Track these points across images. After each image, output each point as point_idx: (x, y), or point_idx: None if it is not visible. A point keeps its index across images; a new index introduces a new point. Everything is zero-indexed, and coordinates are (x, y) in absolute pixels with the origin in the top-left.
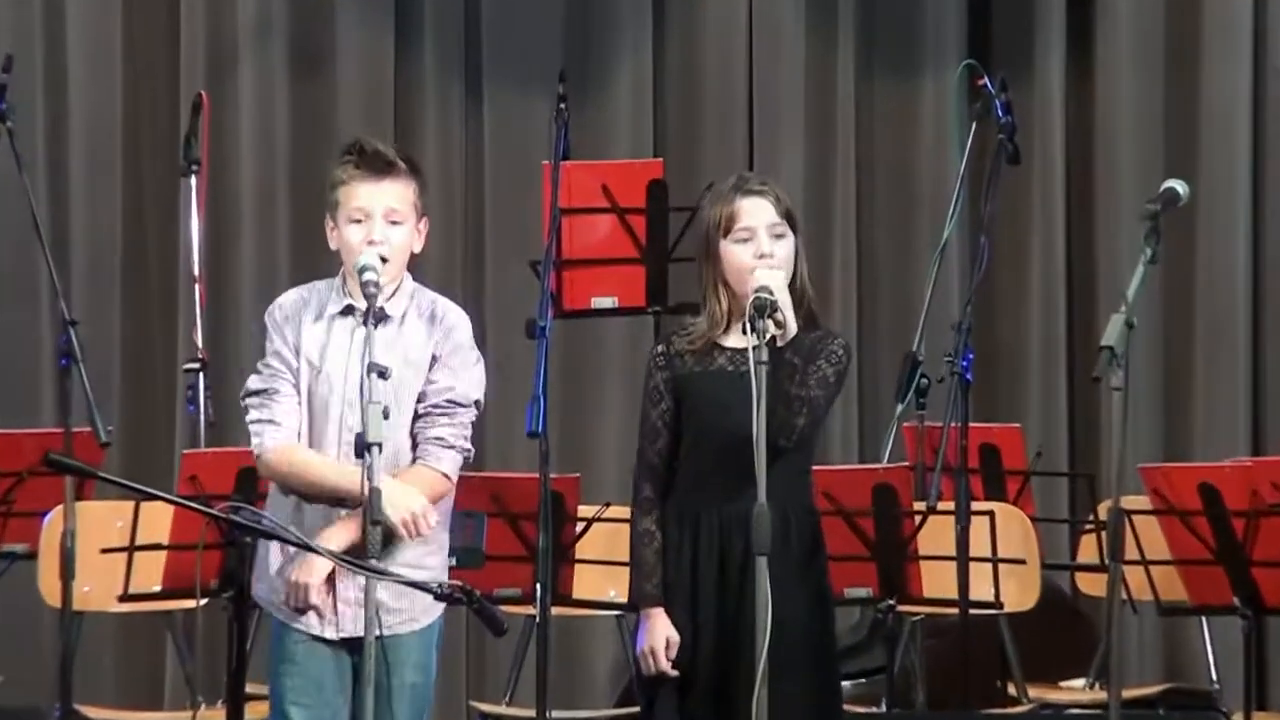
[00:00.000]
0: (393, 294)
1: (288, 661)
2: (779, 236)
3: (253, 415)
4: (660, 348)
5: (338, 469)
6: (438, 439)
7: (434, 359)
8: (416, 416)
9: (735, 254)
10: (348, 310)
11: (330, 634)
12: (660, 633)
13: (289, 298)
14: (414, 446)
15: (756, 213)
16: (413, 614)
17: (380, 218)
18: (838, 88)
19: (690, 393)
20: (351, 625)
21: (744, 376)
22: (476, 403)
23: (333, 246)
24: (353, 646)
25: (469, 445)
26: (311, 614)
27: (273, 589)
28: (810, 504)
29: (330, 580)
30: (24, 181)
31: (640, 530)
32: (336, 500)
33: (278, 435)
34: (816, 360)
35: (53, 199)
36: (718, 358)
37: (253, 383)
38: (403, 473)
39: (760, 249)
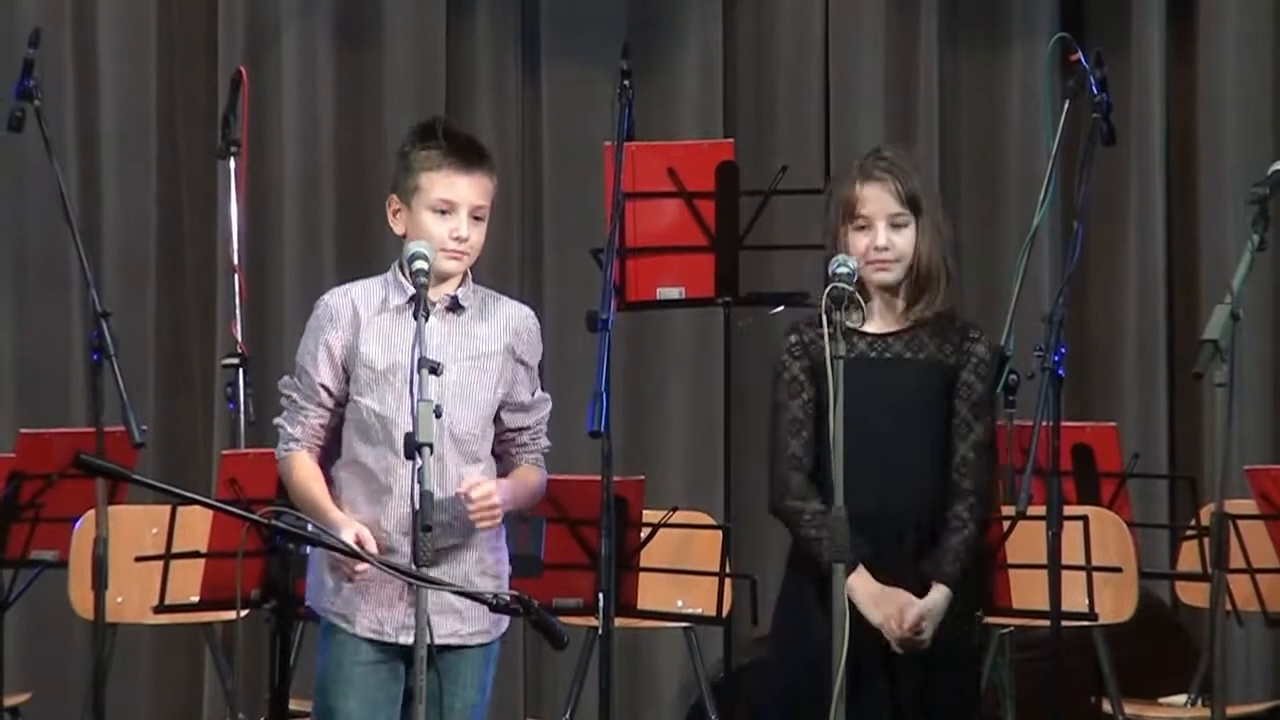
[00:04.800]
0: (460, 284)
1: (344, 683)
2: (898, 226)
3: (278, 420)
4: (793, 337)
5: (308, 501)
6: (547, 448)
7: (527, 367)
8: (512, 428)
9: (853, 243)
10: (412, 300)
11: (405, 639)
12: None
13: (338, 296)
14: (501, 444)
15: (875, 201)
16: (485, 625)
17: (466, 213)
18: (920, 63)
19: (825, 381)
20: (427, 633)
21: (888, 363)
22: None
23: (397, 230)
24: (410, 657)
25: None
26: (388, 622)
27: (327, 593)
28: None
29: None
30: (53, 165)
31: (807, 515)
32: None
33: (295, 442)
34: (962, 372)
35: (83, 183)
36: (857, 343)
37: (286, 385)
38: (522, 473)
39: (875, 240)
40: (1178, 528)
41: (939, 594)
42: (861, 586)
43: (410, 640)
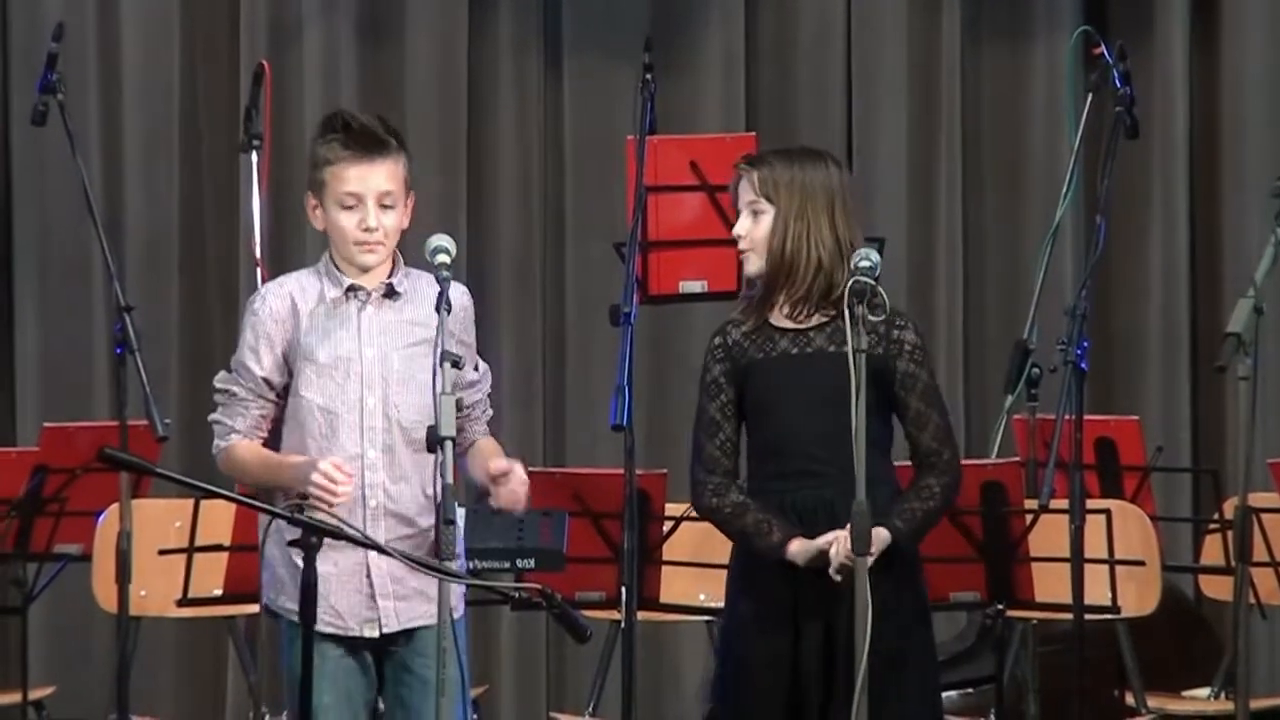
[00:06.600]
0: (392, 271)
1: (316, 679)
2: (757, 214)
3: (214, 415)
4: (717, 339)
5: (265, 464)
6: (490, 417)
7: (465, 345)
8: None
9: None
10: (350, 291)
11: (369, 632)
12: (815, 544)
13: (274, 289)
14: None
15: (740, 193)
16: (452, 602)
17: (373, 202)
18: (942, 56)
19: (755, 380)
20: (394, 620)
21: (810, 358)
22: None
23: (317, 226)
24: (378, 644)
25: None
26: (348, 615)
27: (285, 591)
28: (893, 482)
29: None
30: (76, 159)
31: (729, 509)
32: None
33: (235, 433)
34: (896, 362)
35: (106, 177)
36: (779, 341)
37: (224, 380)
38: (484, 447)
39: (736, 228)
40: (1200, 521)
41: (882, 532)
42: (799, 546)
43: (372, 634)
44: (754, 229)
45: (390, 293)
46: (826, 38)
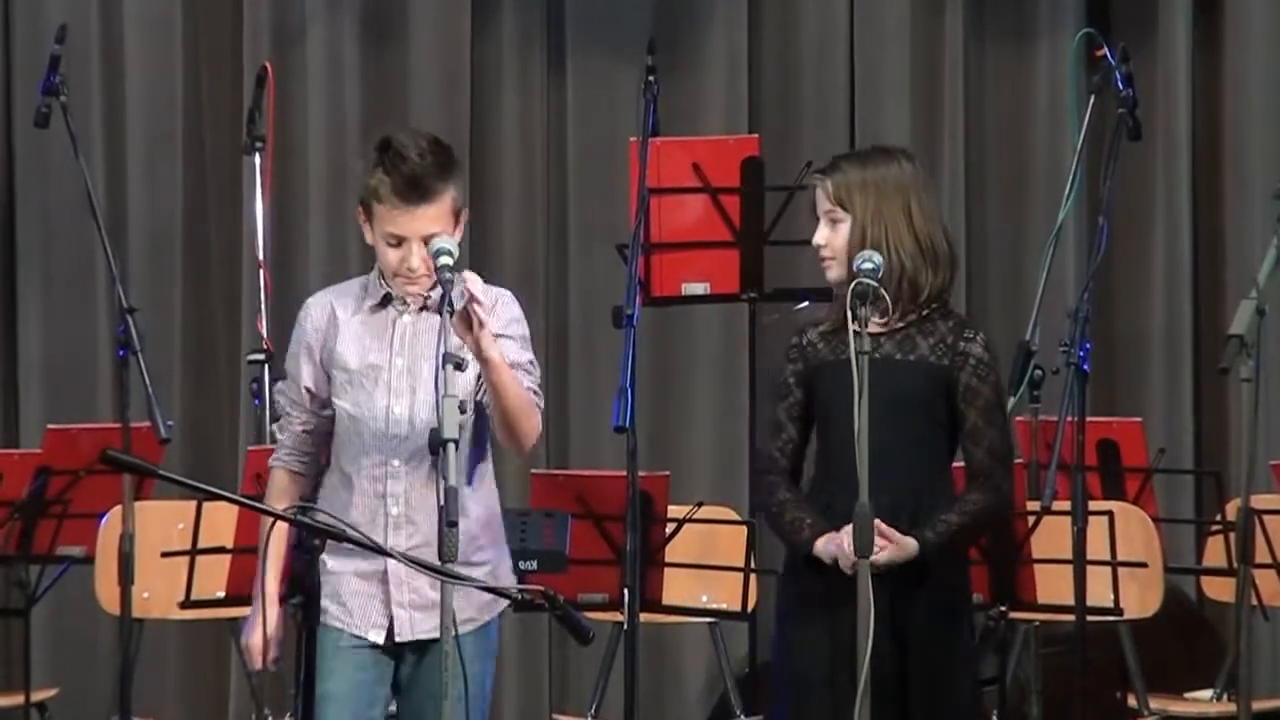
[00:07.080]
0: (434, 284)
1: (324, 666)
2: (835, 223)
3: (274, 426)
4: (794, 339)
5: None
6: (531, 390)
7: (508, 338)
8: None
9: None
10: (385, 300)
11: (375, 637)
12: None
13: (318, 299)
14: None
15: (818, 201)
16: (469, 613)
17: (417, 245)
18: (945, 57)
19: (822, 382)
20: (408, 629)
21: (876, 364)
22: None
23: (367, 240)
24: (399, 651)
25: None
26: (357, 615)
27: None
28: (951, 496)
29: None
30: (79, 160)
31: (774, 507)
32: None
33: (279, 457)
34: (959, 374)
35: (109, 179)
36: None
37: (278, 391)
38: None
39: (815, 238)
40: (1203, 523)
41: (909, 540)
42: (823, 543)
43: (378, 639)
44: (833, 237)
45: (429, 305)
46: (830, 39)
